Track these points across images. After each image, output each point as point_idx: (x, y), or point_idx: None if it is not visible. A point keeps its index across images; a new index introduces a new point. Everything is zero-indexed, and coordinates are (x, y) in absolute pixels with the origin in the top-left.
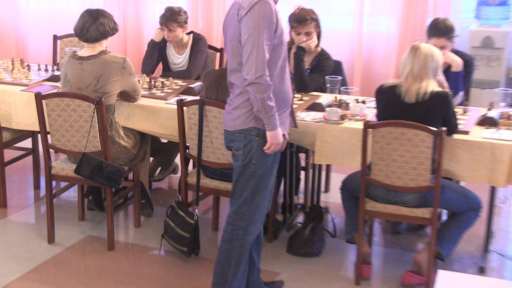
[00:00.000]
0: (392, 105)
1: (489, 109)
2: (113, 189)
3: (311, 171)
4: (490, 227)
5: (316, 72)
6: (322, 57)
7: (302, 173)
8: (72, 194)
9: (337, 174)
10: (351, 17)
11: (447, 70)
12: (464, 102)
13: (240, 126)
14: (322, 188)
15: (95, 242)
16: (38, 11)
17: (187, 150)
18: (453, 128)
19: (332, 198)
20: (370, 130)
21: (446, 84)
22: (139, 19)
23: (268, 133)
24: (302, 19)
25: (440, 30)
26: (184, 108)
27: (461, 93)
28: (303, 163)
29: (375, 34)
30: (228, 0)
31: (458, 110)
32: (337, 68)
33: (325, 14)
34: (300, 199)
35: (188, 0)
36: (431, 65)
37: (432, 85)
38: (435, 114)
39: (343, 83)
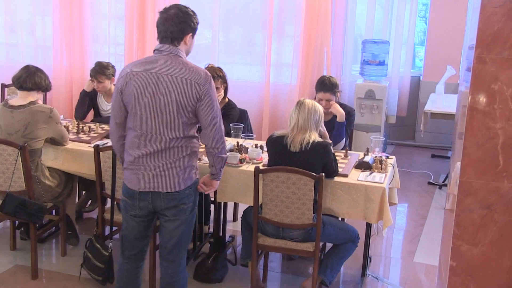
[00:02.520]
0: (280, 153)
1: (365, 154)
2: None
3: (218, 204)
4: (367, 254)
5: (224, 120)
6: (229, 107)
7: (212, 206)
8: (6, 225)
9: (244, 205)
10: (261, 67)
11: (333, 119)
12: (346, 147)
13: (190, 182)
14: (231, 217)
15: (21, 271)
16: None
17: (104, 190)
18: (333, 172)
19: (239, 226)
20: (261, 174)
21: (326, 134)
22: (83, 70)
23: (216, 182)
24: None
25: (326, 86)
26: (100, 152)
27: (343, 140)
28: (212, 198)
29: (279, 86)
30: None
31: (340, 154)
32: (242, 116)
33: (240, 65)
34: (211, 228)
35: (125, 56)
36: (313, 118)
37: (314, 136)
38: (317, 161)
39: (248, 129)
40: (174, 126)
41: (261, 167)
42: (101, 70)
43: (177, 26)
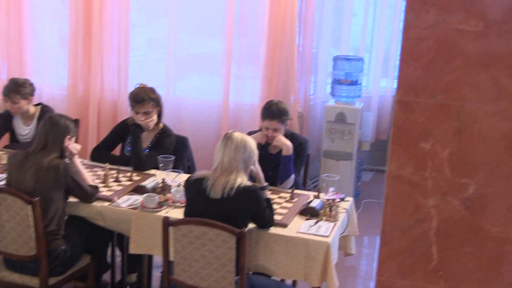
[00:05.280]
0: (198, 200)
1: (315, 196)
2: None
3: None
4: None
5: (156, 150)
6: (163, 134)
7: None
8: None
9: None
10: (219, 84)
11: (278, 153)
12: (293, 188)
13: None
14: None
15: None
16: None
17: None
18: (267, 223)
19: None
20: (171, 227)
21: (260, 176)
22: None
23: None
24: (140, 99)
25: (272, 112)
26: None
27: (292, 177)
28: None
29: (240, 106)
30: (108, 72)
31: (286, 195)
32: (180, 145)
33: (196, 81)
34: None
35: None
36: (241, 157)
37: (240, 179)
38: (243, 210)
39: (190, 160)
40: None
41: (172, 218)
42: (16, 89)
43: None
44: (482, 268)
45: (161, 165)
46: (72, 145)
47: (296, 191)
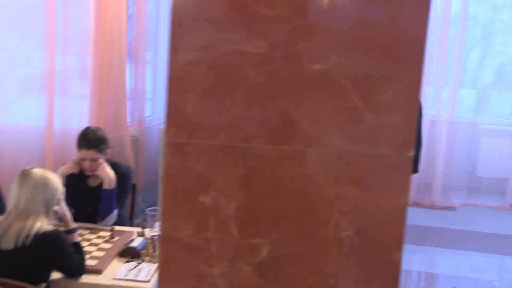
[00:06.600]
0: None
1: (139, 234)
2: None
3: None
4: None
5: None
6: None
7: None
8: None
9: None
10: (41, 107)
11: (99, 186)
12: (123, 222)
13: None
14: None
15: None
16: None
17: None
18: (75, 272)
19: None
20: None
21: (68, 217)
22: None
23: None
24: None
25: (89, 141)
26: None
27: (115, 212)
28: None
29: (67, 131)
30: None
31: (105, 235)
32: None
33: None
34: None
35: None
36: (42, 197)
37: (40, 223)
38: (43, 260)
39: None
40: None
41: None
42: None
43: None
44: None
45: None
46: None
47: (119, 227)
